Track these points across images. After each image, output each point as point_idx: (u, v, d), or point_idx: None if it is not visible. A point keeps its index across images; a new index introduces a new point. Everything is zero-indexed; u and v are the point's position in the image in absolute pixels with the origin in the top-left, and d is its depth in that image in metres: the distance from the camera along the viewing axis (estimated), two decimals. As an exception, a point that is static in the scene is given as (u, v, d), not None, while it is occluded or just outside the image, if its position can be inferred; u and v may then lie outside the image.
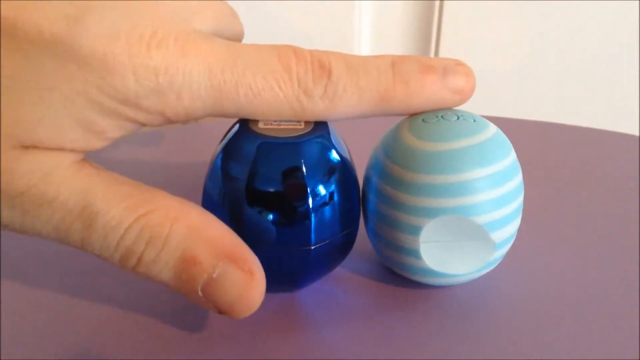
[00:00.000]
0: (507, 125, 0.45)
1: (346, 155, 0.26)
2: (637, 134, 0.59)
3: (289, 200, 0.24)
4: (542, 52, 0.55)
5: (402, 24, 0.55)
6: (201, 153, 0.40)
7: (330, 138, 0.25)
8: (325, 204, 0.24)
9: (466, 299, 0.27)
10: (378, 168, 0.26)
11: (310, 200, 0.24)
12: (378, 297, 0.28)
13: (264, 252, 0.24)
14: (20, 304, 0.27)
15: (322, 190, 0.24)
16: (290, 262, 0.25)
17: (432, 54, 0.55)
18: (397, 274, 0.29)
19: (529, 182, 0.37)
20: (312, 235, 0.24)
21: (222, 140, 0.25)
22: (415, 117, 0.26)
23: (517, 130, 0.44)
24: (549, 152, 0.41)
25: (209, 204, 0.25)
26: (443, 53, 0.55)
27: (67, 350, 0.25)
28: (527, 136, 0.43)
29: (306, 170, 0.24)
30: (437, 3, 0.54)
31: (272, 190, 0.23)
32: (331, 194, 0.24)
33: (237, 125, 0.25)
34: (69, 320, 0.26)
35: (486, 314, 0.27)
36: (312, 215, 0.24)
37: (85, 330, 0.26)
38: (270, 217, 0.24)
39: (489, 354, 0.25)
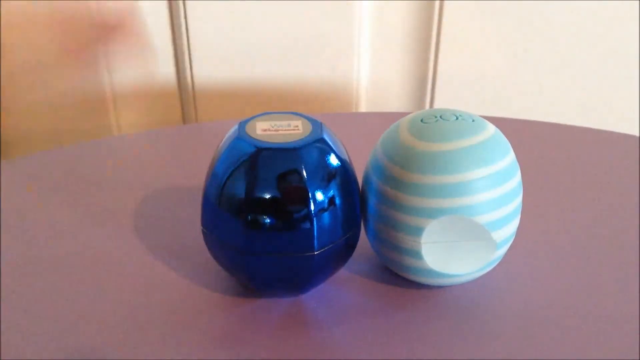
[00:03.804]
0: (507, 125, 0.45)
1: (345, 158, 0.26)
2: (637, 134, 0.59)
3: (290, 207, 0.24)
4: (542, 52, 0.55)
5: (402, 24, 0.55)
6: (201, 153, 0.40)
7: (329, 142, 0.25)
8: (326, 208, 0.24)
9: (466, 299, 0.27)
10: (378, 169, 0.26)
11: (312, 206, 0.24)
12: (379, 298, 0.28)
13: (268, 259, 0.24)
14: (20, 304, 0.27)
15: (323, 195, 0.24)
16: (295, 268, 0.25)
17: (432, 54, 0.55)
18: (397, 274, 0.29)
19: (529, 181, 0.37)
20: (315, 242, 0.24)
21: (221, 145, 0.25)
22: (414, 117, 0.26)
23: (517, 130, 0.44)
24: (549, 152, 0.41)
25: (209, 209, 0.25)
26: (443, 53, 0.55)
27: (67, 350, 0.25)
28: (527, 136, 0.43)
29: (307, 175, 0.24)
30: (437, 3, 0.54)
31: (273, 197, 0.24)
32: (332, 199, 0.24)
33: (236, 130, 0.25)
34: (69, 320, 0.26)
35: (486, 314, 0.27)
36: (315, 221, 0.24)
37: (85, 330, 0.26)
38: (273, 224, 0.24)
39: (489, 353, 0.25)
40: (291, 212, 0.24)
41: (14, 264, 0.30)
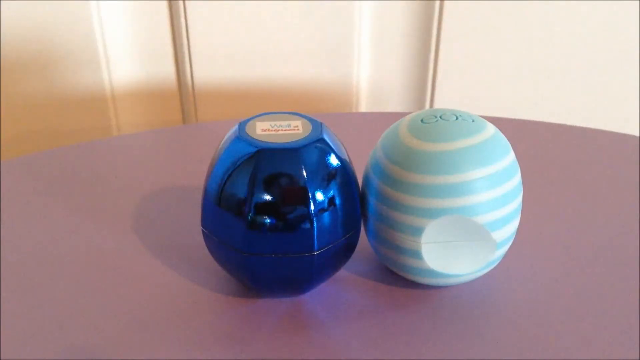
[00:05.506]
0: (507, 126, 0.45)
1: (345, 158, 0.26)
2: (637, 134, 0.59)
3: (290, 207, 0.24)
4: (542, 52, 0.55)
5: (402, 24, 0.55)
6: (201, 153, 0.40)
7: (329, 142, 0.25)
8: (326, 209, 0.24)
9: (466, 299, 0.28)
10: (378, 169, 0.26)
11: (312, 206, 0.24)
12: (379, 298, 0.28)
13: (268, 260, 0.24)
14: (20, 303, 0.27)
15: (323, 195, 0.24)
16: (295, 269, 0.25)
17: (432, 54, 0.55)
18: (397, 274, 0.29)
19: (529, 182, 0.37)
20: (315, 242, 0.24)
21: (221, 145, 0.26)
22: (414, 117, 0.26)
23: (517, 131, 0.44)
24: (549, 152, 0.41)
25: (209, 209, 0.25)
26: (443, 53, 0.55)
27: (67, 350, 0.25)
28: (527, 136, 0.43)
29: (307, 175, 0.24)
30: (437, 3, 0.54)
31: (272, 197, 0.24)
32: (332, 199, 0.24)
33: (236, 130, 0.25)
34: (69, 320, 0.26)
35: (486, 314, 0.27)
36: (314, 221, 0.24)
37: (85, 330, 0.26)
38: (273, 224, 0.24)
39: (489, 353, 0.25)
40: (291, 212, 0.24)
41: (14, 264, 0.30)
